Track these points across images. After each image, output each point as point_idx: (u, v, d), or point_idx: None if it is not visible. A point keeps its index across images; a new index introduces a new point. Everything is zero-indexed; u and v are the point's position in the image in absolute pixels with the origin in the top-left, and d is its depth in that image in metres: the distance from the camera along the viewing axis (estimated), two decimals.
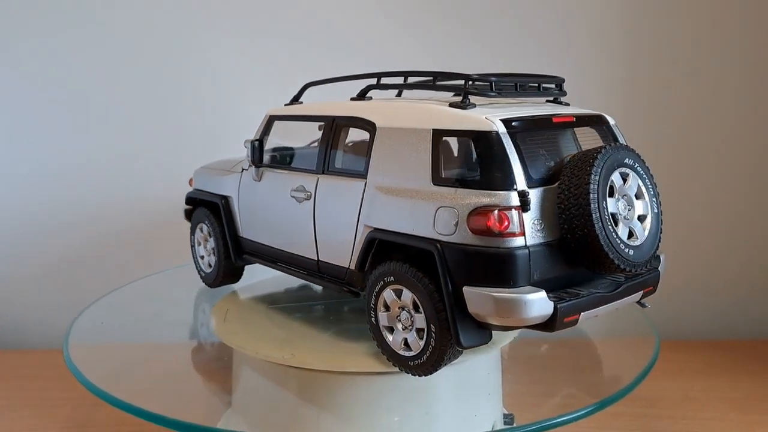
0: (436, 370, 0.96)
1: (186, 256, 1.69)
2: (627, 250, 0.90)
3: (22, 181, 1.77)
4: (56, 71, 1.73)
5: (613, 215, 0.91)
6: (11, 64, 1.73)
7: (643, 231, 0.94)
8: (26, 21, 1.71)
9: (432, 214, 0.92)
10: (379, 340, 1.00)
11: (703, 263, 1.83)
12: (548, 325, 0.88)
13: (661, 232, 0.97)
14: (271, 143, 1.25)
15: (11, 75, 1.74)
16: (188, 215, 1.42)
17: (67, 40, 1.72)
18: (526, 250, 0.87)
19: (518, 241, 0.87)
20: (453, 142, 1.01)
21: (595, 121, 1.03)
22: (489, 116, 0.91)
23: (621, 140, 1.04)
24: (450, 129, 0.94)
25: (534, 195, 0.89)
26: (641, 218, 0.95)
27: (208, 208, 1.34)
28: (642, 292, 0.98)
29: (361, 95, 1.15)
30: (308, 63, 1.72)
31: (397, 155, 0.99)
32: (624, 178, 0.94)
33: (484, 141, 0.90)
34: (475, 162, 0.90)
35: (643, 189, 0.95)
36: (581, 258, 0.90)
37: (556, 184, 0.90)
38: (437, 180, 0.93)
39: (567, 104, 1.08)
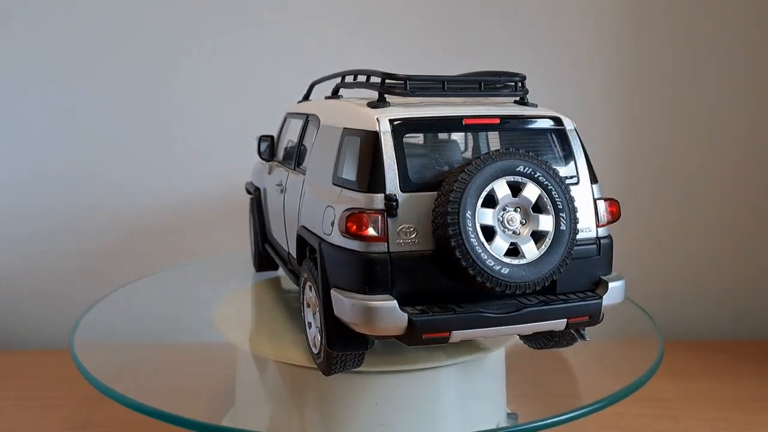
0: (333, 372, 0.94)
1: (189, 256, 1.70)
2: (499, 267, 0.82)
3: (22, 182, 1.77)
4: (59, 72, 1.73)
5: (488, 228, 0.83)
6: (10, 63, 1.73)
7: (536, 249, 0.85)
8: (11, 19, 1.71)
9: (322, 213, 0.91)
10: (306, 334, 1.01)
11: (704, 263, 1.83)
12: (406, 338, 0.83)
13: (568, 253, 0.85)
14: (283, 139, 1.28)
15: (12, 76, 1.73)
16: None
17: (58, 42, 1.72)
18: (387, 257, 0.83)
19: (379, 247, 0.83)
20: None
21: (544, 125, 0.94)
22: (380, 115, 0.88)
23: (575, 146, 0.94)
24: (350, 128, 0.92)
25: (411, 200, 0.84)
26: (538, 235, 0.85)
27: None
28: (566, 320, 0.87)
29: (333, 93, 1.15)
30: (310, 62, 1.72)
31: (322, 153, 0.99)
32: (516, 188, 0.85)
33: (364, 140, 0.87)
34: (358, 162, 0.88)
35: (547, 202, 0.86)
36: (450, 271, 0.83)
37: None
38: (335, 179, 0.92)
39: (533, 105, 0.99)
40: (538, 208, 0.86)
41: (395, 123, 0.87)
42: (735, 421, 1.40)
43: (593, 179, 0.94)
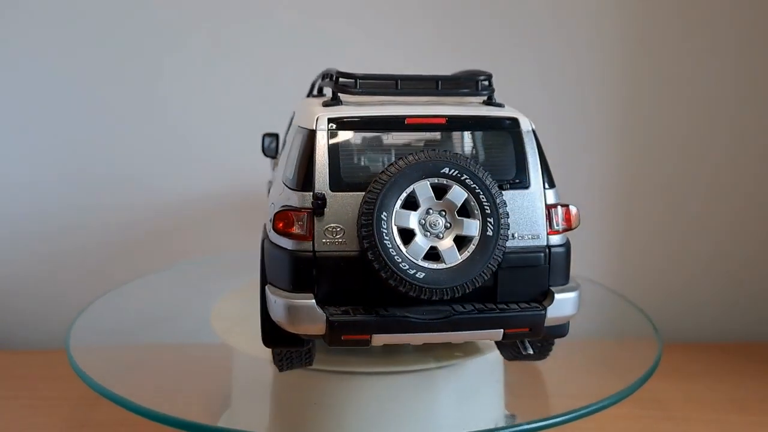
0: (283, 368, 0.96)
1: (187, 255, 1.69)
2: (414, 271, 0.80)
3: (22, 181, 1.76)
4: (58, 73, 1.73)
5: (407, 230, 0.81)
6: (14, 63, 1.73)
7: (458, 254, 0.82)
8: (21, 17, 1.71)
9: (269, 210, 0.92)
10: None
11: (705, 265, 1.83)
12: (327, 338, 0.83)
13: (494, 260, 0.82)
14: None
15: (10, 77, 1.73)
16: None
17: (67, 41, 1.72)
18: (311, 255, 0.83)
19: (304, 246, 0.83)
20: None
21: (497, 126, 0.90)
22: (321, 114, 0.88)
23: (529, 149, 0.90)
24: (300, 126, 0.93)
25: (340, 200, 0.83)
26: (462, 240, 0.82)
27: None
28: (503, 330, 0.84)
29: (318, 92, 1.17)
30: (318, 62, 1.72)
31: (285, 150, 1.01)
32: (440, 190, 0.82)
33: (304, 139, 0.88)
34: (296, 160, 0.89)
35: (474, 206, 0.82)
36: (370, 273, 0.81)
37: None
38: (283, 177, 0.92)
39: (500, 105, 0.95)
40: (465, 212, 0.83)
41: (333, 122, 0.87)
42: (735, 423, 1.39)
43: (549, 184, 0.90)
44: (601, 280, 1.67)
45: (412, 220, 0.82)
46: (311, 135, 0.87)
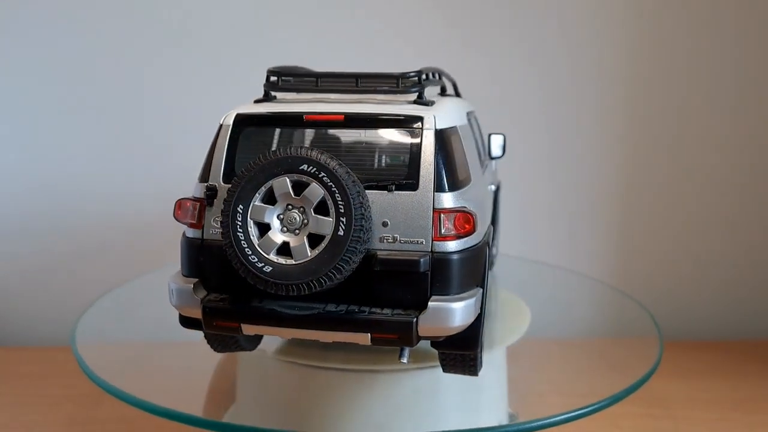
0: (217, 350, 1.00)
1: None
2: (262, 264, 0.81)
3: (25, 178, 1.77)
4: (70, 72, 1.73)
5: (262, 224, 0.83)
6: (18, 63, 1.73)
7: (308, 251, 0.81)
8: (25, 19, 1.71)
9: None
10: None
11: (705, 263, 1.83)
12: (203, 323, 0.86)
13: (345, 260, 0.80)
14: None
15: (28, 74, 1.73)
16: None
17: (68, 40, 1.72)
18: (199, 242, 0.88)
19: (195, 233, 0.89)
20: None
21: (394, 124, 0.88)
22: (234, 110, 0.92)
23: (425, 149, 0.85)
24: None
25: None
26: (314, 237, 0.82)
27: None
28: (369, 335, 0.82)
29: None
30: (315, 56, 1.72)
31: None
32: (299, 186, 0.82)
33: (215, 133, 0.92)
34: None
35: (330, 204, 0.81)
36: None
37: None
38: None
39: (426, 103, 0.92)
40: (324, 210, 0.82)
41: (239, 117, 0.91)
42: (735, 422, 1.40)
43: (450, 187, 0.86)
44: (602, 278, 1.68)
45: (269, 214, 0.83)
46: (218, 130, 0.92)
